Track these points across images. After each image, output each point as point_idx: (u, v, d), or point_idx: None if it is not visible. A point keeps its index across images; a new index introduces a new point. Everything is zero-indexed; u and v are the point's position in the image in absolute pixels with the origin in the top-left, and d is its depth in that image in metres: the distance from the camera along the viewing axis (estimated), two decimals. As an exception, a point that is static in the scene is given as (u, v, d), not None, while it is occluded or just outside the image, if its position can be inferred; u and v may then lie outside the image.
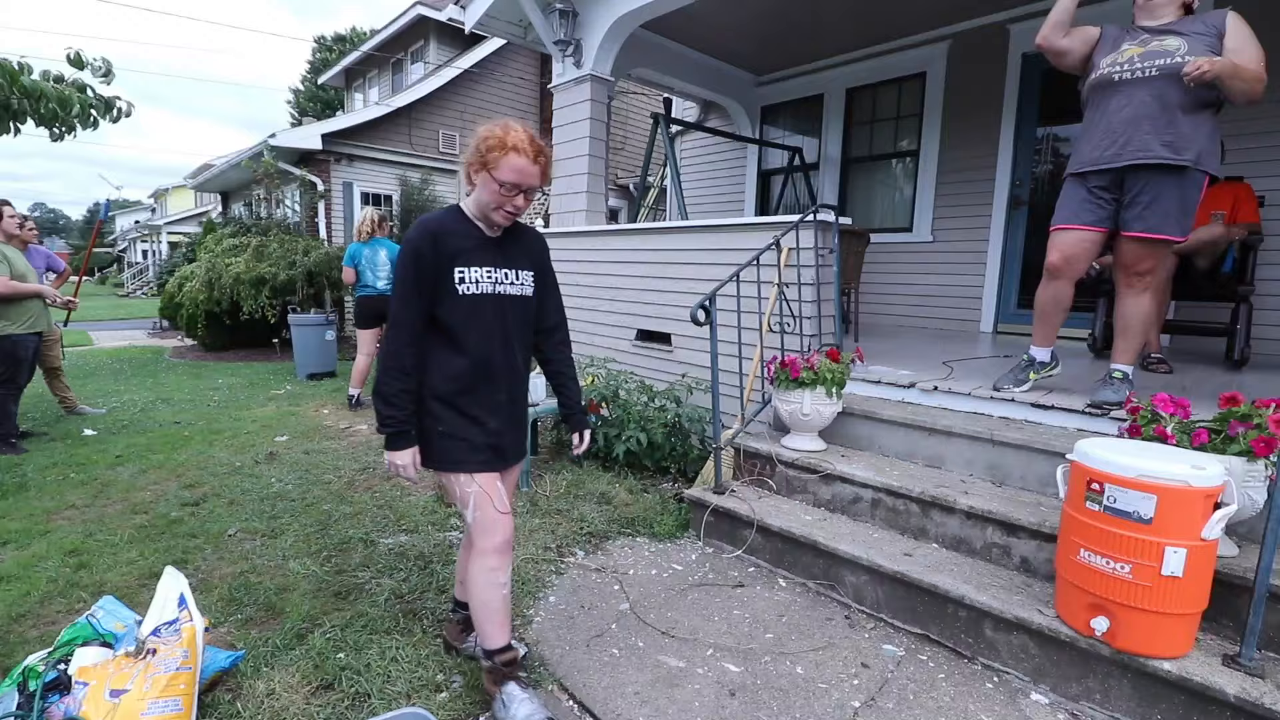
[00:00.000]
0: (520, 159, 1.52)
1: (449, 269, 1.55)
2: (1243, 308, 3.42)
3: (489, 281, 1.61)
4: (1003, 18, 4.92)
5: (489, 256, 1.62)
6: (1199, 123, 2.27)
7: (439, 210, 1.64)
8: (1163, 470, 1.54)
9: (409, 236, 1.56)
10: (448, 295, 1.57)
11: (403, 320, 1.56)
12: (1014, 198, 5.07)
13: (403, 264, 1.55)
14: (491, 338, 1.63)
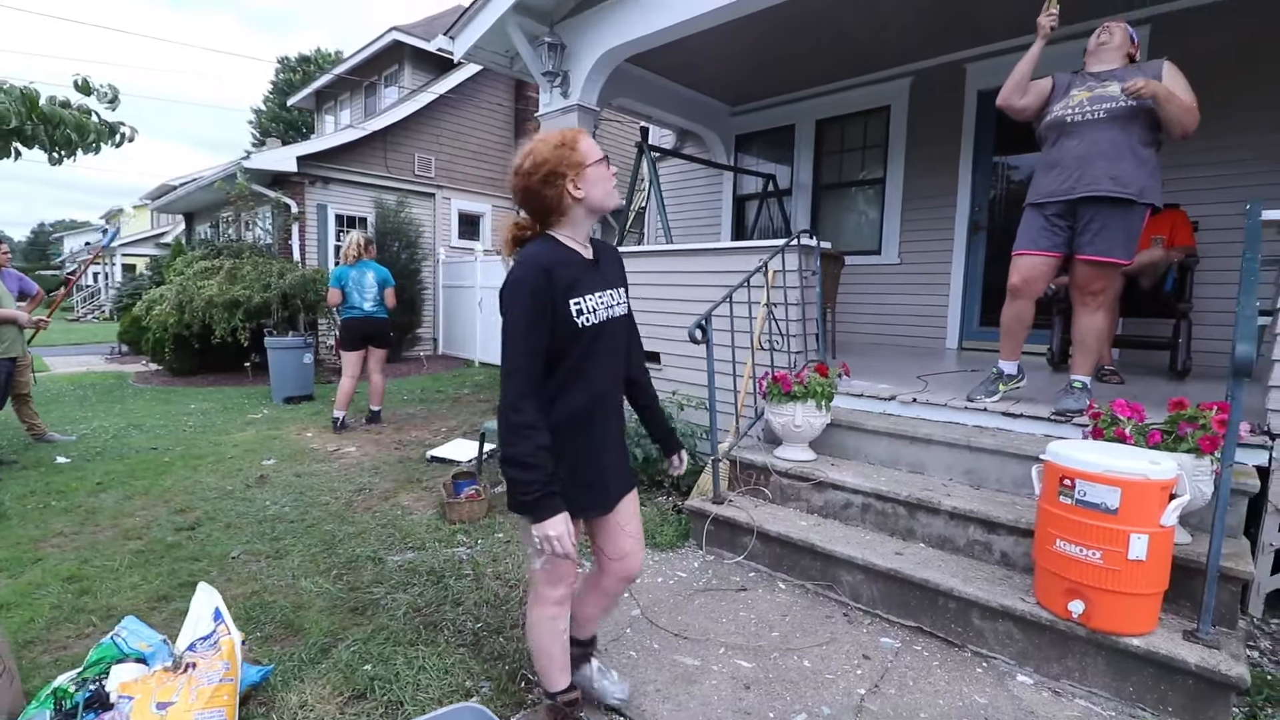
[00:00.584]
0: (587, 138, 1.49)
1: (565, 302, 1.41)
2: (1183, 323, 3.76)
3: (604, 309, 1.49)
4: (959, 57, 5.31)
5: (596, 281, 1.50)
6: (1142, 160, 2.56)
7: (535, 246, 1.48)
8: (1125, 466, 1.75)
9: (517, 277, 1.40)
10: (568, 331, 1.42)
11: (522, 368, 1.38)
12: (973, 223, 5.42)
13: (518, 305, 1.38)
14: (611, 367, 1.55)
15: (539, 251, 1.44)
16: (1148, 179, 2.56)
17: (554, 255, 1.44)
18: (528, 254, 1.44)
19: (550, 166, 1.43)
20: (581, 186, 1.45)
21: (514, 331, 1.39)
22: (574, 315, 1.42)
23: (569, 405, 1.47)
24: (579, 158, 1.44)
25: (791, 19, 4.50)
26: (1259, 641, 2.14)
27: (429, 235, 10.94)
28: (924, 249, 5.64)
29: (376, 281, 5.42)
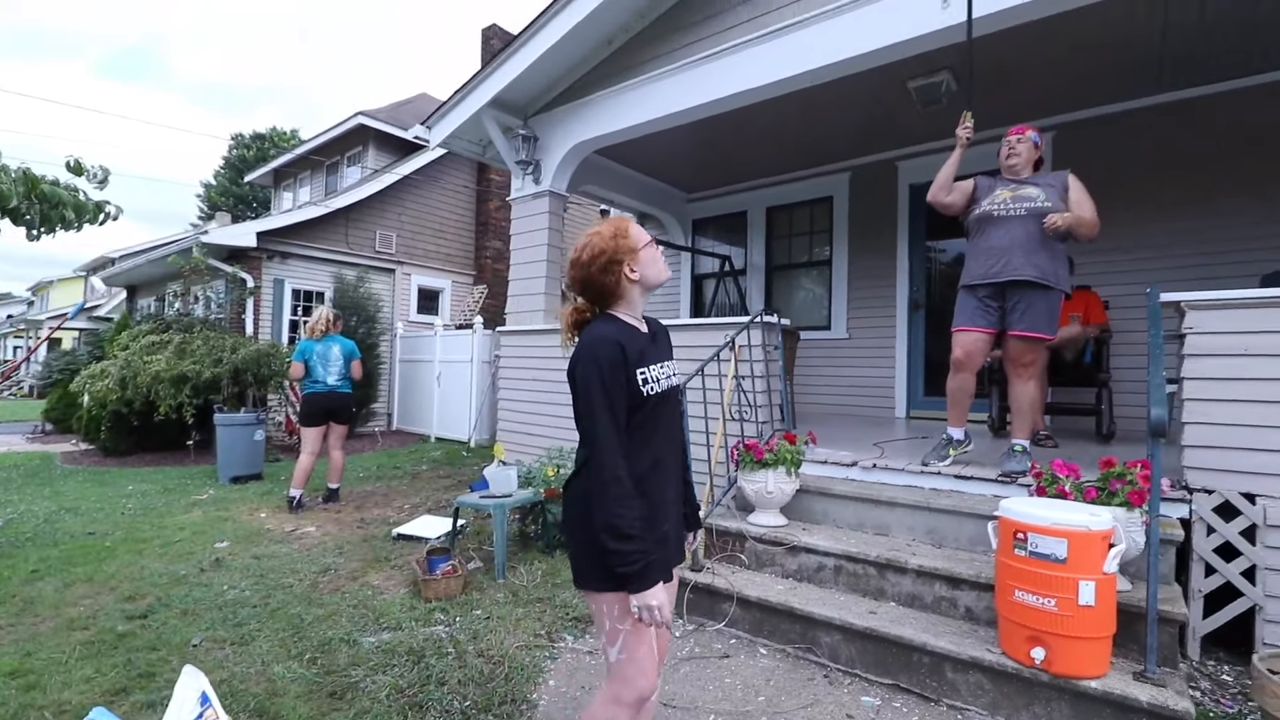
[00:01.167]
0: (634, 226, 1.63)
1: (634, 374, 1.49)
2: (1103, 391, 4.17)
3: (665, 378, 1.57)
4: (892, 155, 5.94)
5: (655, 353, 1.59)
6: (1055, 253, 2.96)
7: (600, 324, 1.57)
8: (1069, 519, 1.96)
9: (593, 353, 1.47)
10: (635, 400, 1.49)
11: (612, 440, 1.43)
12: (913, 301, 5.90)
13: (597, 378, 1.44)
14: (669, 435, 1.61)
15: (608, 329, 1.53)
16: (1060, 269, 2.96)
17: (622, 331, 1.53)
18: (598, 332, 1.52)
19: (609, 255, 1.55)
20: (637, 268, 1.57)
21: (598, 403, 1.44)
22: (640, 385, 1.49)
23: (631, 474, 1.47)
24: (632, 244, 1.57)
25: (739, 124, 4.99)
26: (1198, 682, 2.33)
27: (388, 310, 10.95)
28: (870, 325, 6.07)
29: (342, 355, 5.41)
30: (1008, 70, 4.18)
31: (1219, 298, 2.45)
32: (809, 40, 3.70)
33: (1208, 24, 3.78)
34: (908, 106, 4.88)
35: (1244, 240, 4.31)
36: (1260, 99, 4.28)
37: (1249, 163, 4.32)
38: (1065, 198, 2.96)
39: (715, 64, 4.10)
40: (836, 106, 4.90)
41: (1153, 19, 3.75)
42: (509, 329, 5.34)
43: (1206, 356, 2.48)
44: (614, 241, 1.56)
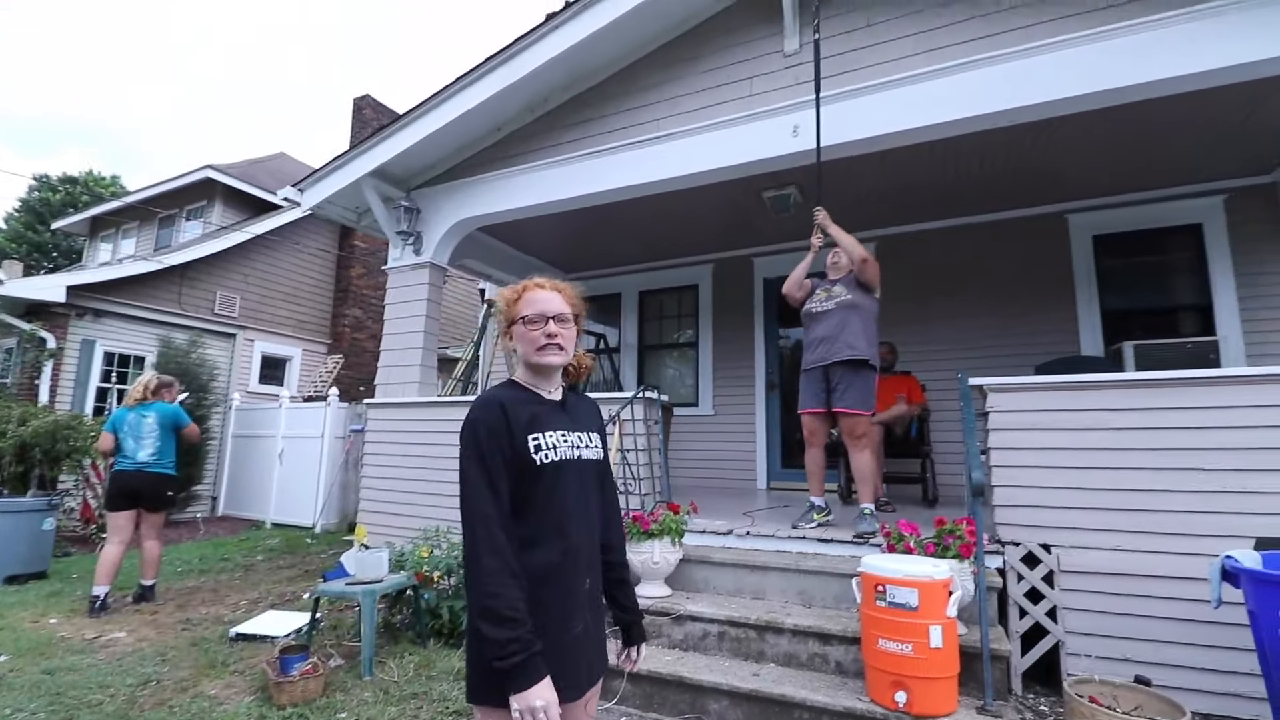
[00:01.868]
0: (538, 292, 1.47)
1: (524, 439, 1.36)
2: (927, 461, 4.84)
3: (566, 445, 1.41)
4: (748, 252, 6.67)
5: (559, 420, 1.45)
6: (870, 338, 3.51)
7: (494, 389, 1.48)
8: (918, 570, 2.28)
9: (473, 416, 1.37)
10: (526, 469, 1.35)
11: (489, 511, 1.28)
12: (769, 382, 6.50)
13: (474, 445, 1.33)
14: (575, 511, 1.41)
15: (495, 390, 1.46)
16: (869, 347, 3.52)
17: (511, 393, 1.44)
18: (485, 395, 1.44)
19: (504, 317, 1.51)
20: (514, 339, 1.49)
21: (473, 469, 1.32)
22: (532, 452, 1.35)
23: (529, 556, 1.33)
24: (514, 311, 1.48)
25: (616, 214, 5.38)
26: (1024, 714, 2.70)
27: (224, 379, 9.87)
28: (733, 402, 6.56)
29: (159, 424, 4.67)
30: (844, 188, 4.98)
31: (1010, 383, 3.05)
32: (680, 150, 4.18)
33: (986, 173, 4.83)
34: (762, 212, 5.58)
35: (1027, 335, 5.35)
36: (1035, 225, 5.47)
37: (1027, 275, 5.44)
38: (855, 282, 3.58)
39: (598, 160, 4.46)
40: (702, 207, 5.47)
41: (948, 165, 4.72)
42: (378, 401, 5.09)
43: (1005, 430, 3.05)
44: (508, 306, 1.50)
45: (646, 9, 4.06)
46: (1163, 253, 5.21)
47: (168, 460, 4.74)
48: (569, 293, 1.53)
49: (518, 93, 4.55)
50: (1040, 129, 4.08)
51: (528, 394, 1.46)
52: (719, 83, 4.15)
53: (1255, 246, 4.82)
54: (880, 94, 3.63)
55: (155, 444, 4.64)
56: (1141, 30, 3.09)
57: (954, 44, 3.51)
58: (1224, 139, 4.30)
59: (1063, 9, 3.28)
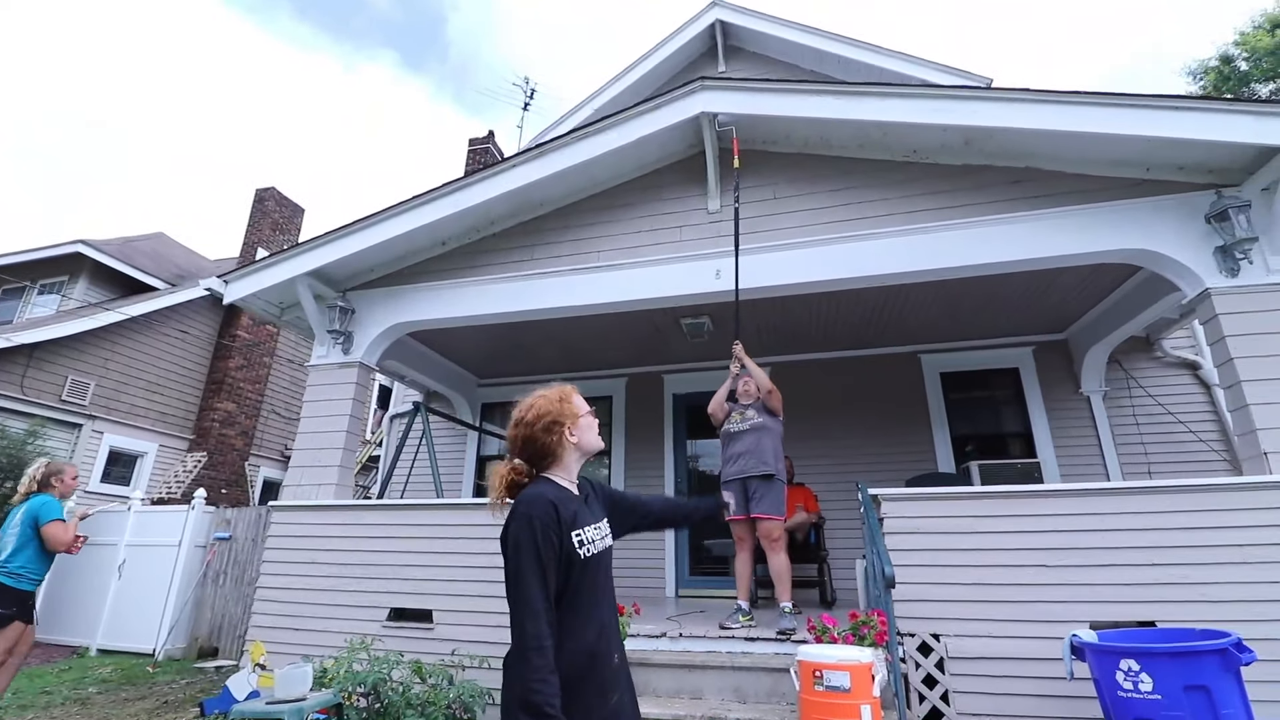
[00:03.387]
0: (577, 394, 1.76)
1: (569, 536, 1.51)
2: (824, 565, 5.35)
3: (600, 539, 1.61)
4: (659, 369, 7.26)
5: (589, 514, 1.64)
6: (777, 454, 4.07)
7: (536, 486, 1.61)
8: (848, 655, 2.65)
9: (528, 513, 1.49)
10: (572, 563, 1.50)
11: (538, 605, 1.40)
12: (677, 490, 6.89)
13: (530, 541, 1.45)
14: (609, 596, 1.63)
15: (543, 490, 1.58)
16: (779, 464, 4.08)
17: (557, 493, 1.59)
18: (534, 493, 1.56)
19: (552, 417, 1.65)
20: (575, 433, 1.68)
21: (528, 566, 1.43)
22: (577, 547, 1.51)
23: (580, 643, 1.47)
24: (574, 409, 1.70)
25: (539, 330, 5.78)
26: (928, 793, 3.05)
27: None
28: (644, 510, 6.82)
29: (25, 520, 4.08)
30: (748, 322, 5.74)
31: (902, 493, 3.67)
32: (620, 279, 4.73)
33: (859, 319, 5.85)
34: (678, 335, 6.24)
35: (895, 454, 6.24)
36: (896, 361, 6.54)
37: (893, 402, 6.42)
38: (763, 407, 4.17)
39: (543, 281, 4.90)
40: (625, 326, 6.02)
41: (830, 310, 5.68)
42: (287, 504, 4.83)
43: (898, 534, 3.62)
44: (559, 405, 1.69)
45: (593, 165, 4.72)
46: (993, 389, 6.44)
47: (16, 566, 4.12)
48: None
49: (466, 217, 4.96)
50: (896, 290, 5.13)
51: (565, 492, 1.62)
52: (654, 227, 4.83)
53: (1058, 388, 6.13)
54: (781, 253, 4.43)
55: (18, 542, 4.05)
56: (968, 228, 4.15)
57: (836, 221, 4.43)
58: (1028, 305, 5.61)
59: (915, 205, 4.32)
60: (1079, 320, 5.97)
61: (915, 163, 4.43)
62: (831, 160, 4.60)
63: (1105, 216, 4.02)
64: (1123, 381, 6.09)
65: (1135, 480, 5.25)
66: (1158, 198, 3.97)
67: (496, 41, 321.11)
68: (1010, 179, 4.23)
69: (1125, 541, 3.38)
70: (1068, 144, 3.99)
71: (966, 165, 4.33)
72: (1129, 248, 3.95)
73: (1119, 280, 5.09)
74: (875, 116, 4.15)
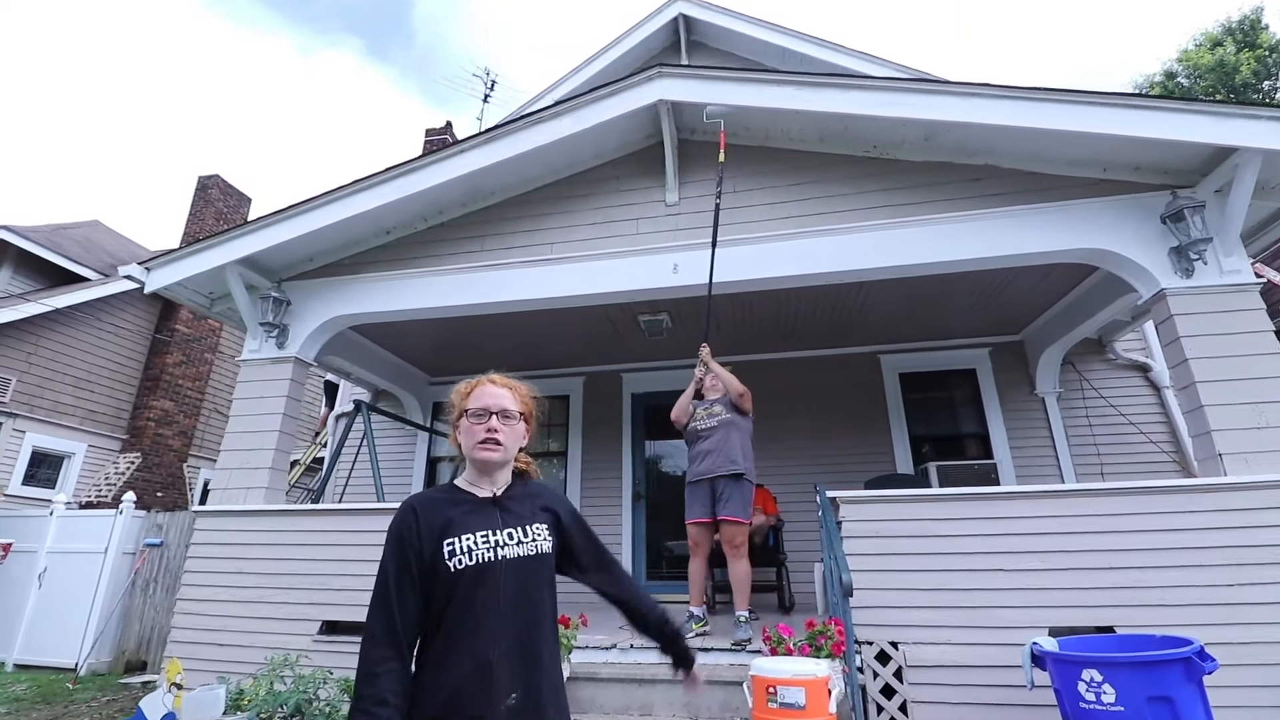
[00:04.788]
0: (488, 388, 1.48)
1: (437, 544, 1.32)
2: (783, 570, 5.23)
3: (486, 547, 1.34)
4: (617, 368, 7.07)
5: (485, 519, 1.39)
6: (745, 452, 3.92)
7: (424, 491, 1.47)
8: (802, 670, 2.50)
9: (392, 522, 1.37)
10: (438, 578, 1.30)
11: (377, 631, 1.26)
12: (635, 493, 6.71)
13: (386, 556, 1.33)
14: (491, 621, 1.30)
15: (419, 493, 1.46)
16: (748, 464, 3.92)
17: (434, 495, 1.43)
18: (410, 498, 1.44)
19: (455, 409, 1.51)
20: (460, 433, 1.49)
21: (379, 585, 1.30)
22: (446, 558, 1.31)
23: (440, 677, 1.27)
24: (462, 404, 1.49)
25: (493, 323, 5.53)
26: (884, 809, 2.93)
27: (-29, 478, 7.98)
28: (602, 513, 6.62)
29: None
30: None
31: (861, 495, 3.55)
32: (574, 272, 4.53)
33: (817, 316, 5.76)
34: (636, 333, 6.06)
35: (853, 455, 6.17)
36: (855, 361, 6.48)
37: (851, 403, 6.35)
38: (730, 403, 4.02)
39: (494, 273, 4.66)
40: (581, 323, 5.81)
41: (788, 306, 5.58)
42: (212, 509, 4.48)
43: (857, 538, 3.50)
44: (458, 396, 1.51)
45: (548, 151, 4.50)
46: (952, 389, 6.43)
47: None
48: (521, 391, 1.54)
49: (413, 203, 4.69)
50: (856, 288, 5.06)
51: (455, 495, 1.44)
52: (609, 219, 4.63)
53: (1014, 390, 6.15)
54: (739, 248, 4.26)
55: None
56: (927, 225, 4.07)
57: (795, 216, 4.30)
58: (985, 305, 5.59)
59: (875, 201, 4.23)
60: (1034, 322, 5.99)
61: (876, 158, 4.34)
62: (792, 154, 4.48)
63: (1063, 215, 3.98)
64: (1076, 383, 6.14)
65: (1091, 482, 5.28)
66: (1114, 197, 3.95)
67: (461, 30, 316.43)
68: (970, 176, 4.17)
69: (1082, 545, 3.33)
70: (1026, 141, 3.95)
71: (927, 162, 4.26)
72: (1086, 247, 3.92)
73: (1075, 281, 5.10)
74: (836, 108, 4.04)
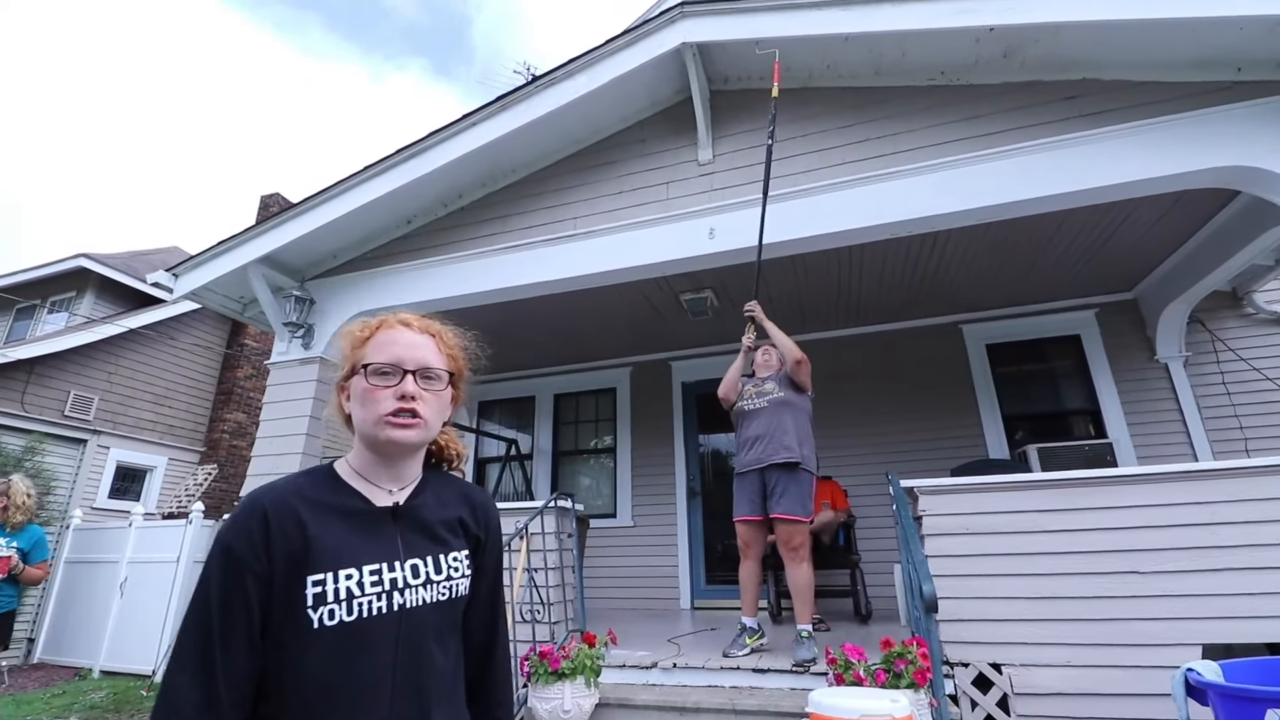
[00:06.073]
0: (399, 332, 1.01)
1: (297, 581, 0.85)
2: (856, 572, 4.60)
3: (376, 591, 0.89)
4: (665, 356, 6.59)
5: (380, 542, 0.93)
6: (805, 437, 3.35)
7: (279, 481, 0.95)
8: (874, 708, 1.95)
9: (220, 530, 0.89)
10: (289, 629, 0.84)
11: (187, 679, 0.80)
12: (690, 489, 6.21)
13: (202, 582, 0.84)
14: (372, 700, 0.87)
15: (275, 485, 0.92)
16: (807, 450, 3.34)
17: (299, 493, 0.92)
18: (257, 493, 0.91)
19: (345, 360, 1.02)
20: (351, 404, 0.99)
21: (187, 623, 0.83)
22: (308, 604, 0.84)
23: None
24: (357, 356, 1.00)
25: (531, 315, 5.20)
26: None
27: (64, 491, 8.44)
28: (654, 512, 6.17)
29: None
30: (760, 292, 5.05)
31: (944, 484, 2.93)
32: (600, 247, 4.09)
33: (887, 280, 5.07)
34: (680, 315, 5.57)
35: (936, 439, 5.44)
36: (932, 334, 5.73)
37: (931, 381, 5.61)
38: (787, 379, 3.46)
39: (516, 255, 4.30)
40: (620, 308, 5.38)
41: (854, 271, 4.92)
42: (244, 517, 4.34)
43: (941, 536, 2.88)
44: (350, 347, 1.02)
45: (565, 117, 4.09)
46: (1051, 360, 5.57)
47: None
48: (448, 339, 1.09)
49: (430, 185, 4.40)
50: (929, 244, 4.39)
51: (334, 495, 0.94)
52: (636, 186, 4.18)
53: (1129, 356, 5.23)
54: (783, 204, 3.70)
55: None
56: (1010, 157, 3.36)
57: (849, 162, 3.68)
58: (1090, 257, 4.74)
59: (944, 136, 3.56)
60: (1151, 275, 5.07)
61: (943, 86, 3.67)
62: (840, 93, 3.88)
63: (1186, 130, 3.19)
64: (1207, 345, 5.16)
65: (1241, 459, 4.36)
66: (1252, 103, 3.14)
67: (517, 41, 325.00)
68: (1062, 95, 3.44)
69: (1238, 538, 2.59)
70: (1139, 41, 3.19)
71: (1006, 84, 3.56)
72: (1222, 165, 3.11)
73: (1203, 217, 4.21)
74: (893, 26, 3.40)
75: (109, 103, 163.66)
